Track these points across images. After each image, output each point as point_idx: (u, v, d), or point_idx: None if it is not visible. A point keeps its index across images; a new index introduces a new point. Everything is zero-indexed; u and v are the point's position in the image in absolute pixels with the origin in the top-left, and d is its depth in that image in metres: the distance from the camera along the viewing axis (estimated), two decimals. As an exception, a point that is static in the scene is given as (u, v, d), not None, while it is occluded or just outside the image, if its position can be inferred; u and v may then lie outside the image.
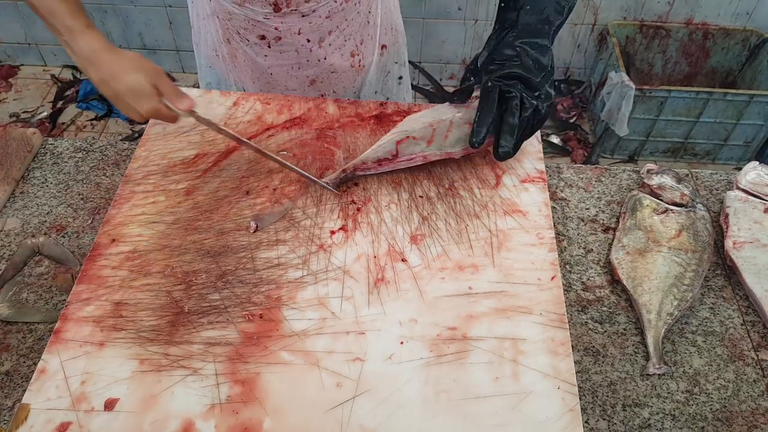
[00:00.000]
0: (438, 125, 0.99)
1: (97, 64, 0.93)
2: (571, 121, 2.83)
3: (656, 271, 0.91)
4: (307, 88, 1.21)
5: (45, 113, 2.81)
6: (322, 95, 1.22)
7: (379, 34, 1.22)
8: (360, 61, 1.21)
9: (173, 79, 2.98)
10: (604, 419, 0.80)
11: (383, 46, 1.25)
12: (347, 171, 0.99)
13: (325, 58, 1.16)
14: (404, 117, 1.10)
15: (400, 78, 1.35)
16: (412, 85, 1.48)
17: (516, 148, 0.90)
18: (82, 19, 0.94)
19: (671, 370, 0.85)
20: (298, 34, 1.12)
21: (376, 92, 1.30)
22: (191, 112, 0.96)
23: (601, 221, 1.03)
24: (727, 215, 1.00)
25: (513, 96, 0.89)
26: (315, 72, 1.18)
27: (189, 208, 0.96)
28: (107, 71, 0.92)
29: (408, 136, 0.99)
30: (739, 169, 1.06)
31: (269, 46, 1.14)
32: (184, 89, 1.14)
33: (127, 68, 0.92)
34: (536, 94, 0.91)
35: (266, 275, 0.88)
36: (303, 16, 1.09)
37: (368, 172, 1.00)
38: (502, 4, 0.96)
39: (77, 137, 2.70)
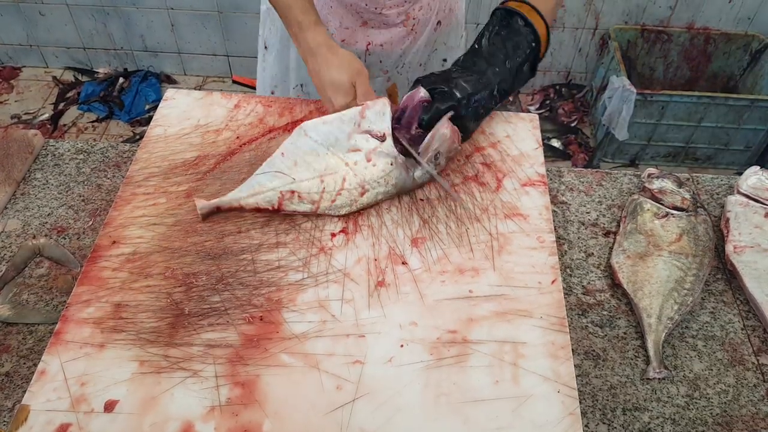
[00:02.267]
0: (327, 182, 0.93)
1: (315, 56, 1.02)
2: (572, 125, 2.83)
3: (657, 275, 0.91)
4: (358, 29, 1.23)
5: (46, 115, 2.81)
6: (369, 44, 1.24)
7: (437, 10, 1.26)
8: (414, 26, 1.24)
9: (174, 82, 2.99)
10: (604, 423, 0.80)
11: (438, 22, 1.28)
12: (220, 209, 0.94)
13: (381, 11, 1.19)
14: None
15: (444, 60, 1.37)
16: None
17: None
18: (311, 16, 1.03)
19: (671, 375, 0.85)
20: None
21: (420, 64, 1.32)
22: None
23: (602, 225, 1.03)
24: (727, 220, 1.00)
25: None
26: (368, 15, 1.21)
27: (190, 210, 0.96)
28: (321, 63, 1.01)
29: (294, 191, 0.93)
30: (740, 173, 1.06)
31: None
32: (185, 91, 1.14)
33: (336, 64, 1.00)
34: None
35: (267, 277, 0.88)
36: None
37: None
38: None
39: (78, 139, 2.70)
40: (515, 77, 0.98)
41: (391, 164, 0.94)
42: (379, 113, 0.95)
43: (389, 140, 0.94)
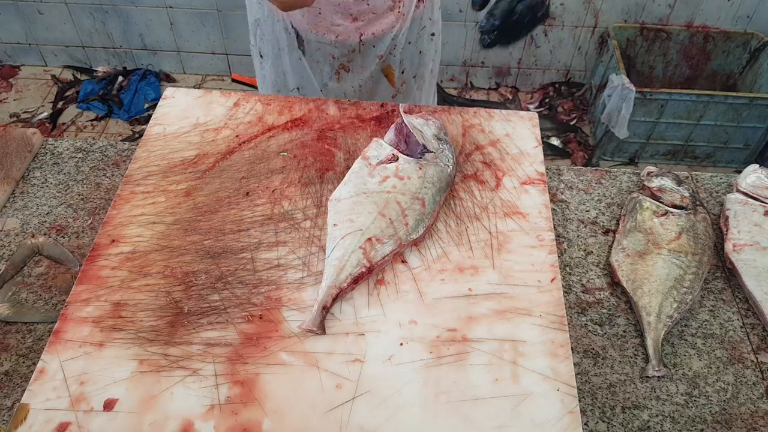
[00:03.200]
0: (389, 213, 0.91)
1: None
2: (572, 123, 2.83)
3: (656, 273, 0.91)
4: (349, 25, 1.24)
5: (45, 113, 2.81)
6: (362, 34, 1.25)
7: None
8: (400, 9, 1.25)
9: (173, 80, 2.98)
10: (603, 421, 0.80)
11: (420, 0, 1.29)
12: (327, 308, 0.83)
13: (368, 2, 1.20)
14: (405, 118, 1.10)
15: (432, 34, 1.39)
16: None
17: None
18: None
19: (671, 373, 0.85)
20: None
21: (410, 42, 1.34)
22: None
23: (601, 223, 1.03)
24: (727, 218, 1.00)
25: None
26: (358, 11, 1.22)
27: (189, 208, 0.96)
28: None
29: (370, 239, 0.88)
30: (739, 171, 1.07)
31: None
32: (184, 89, 1.14)
33: None
34: None
35: (266, 276, 0.88)
36: None
37: (347, 294, 0.87)
38: None
39: (77, 138, 2.70)
40: None
41: (420, 168, 0.96)
42: (376, 146, 1.00)
43: (401, 156, 0.98)
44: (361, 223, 0.89)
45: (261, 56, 1.38)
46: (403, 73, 1.36)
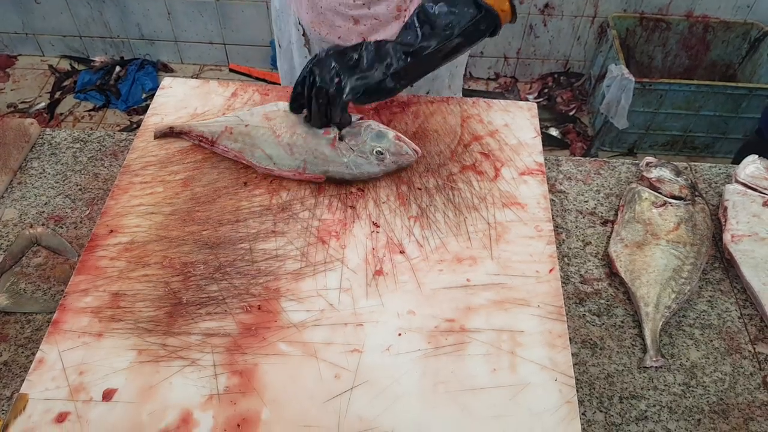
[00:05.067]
0: (274, 125, 1.00)
1: None
2: (571, 113, 2.82)
3: (654, 264, 0.91)
4: (351, 26, 1.22)
5: (43, 104, 2.80)
6: (364, 38, 1.22)
7: None
8: (405, 19, 1.22)
9: (171, 70, 2.97)
10: (601, 411, 0.81)
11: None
12: (174, 129, 1.04)
13: (369, 7, 1.18)
14: (403, 108, 1.10)
15: None
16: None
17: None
18: None
19: (668, 363, 0.85)
20: None
21: None
22: None
23: (600, 214, 1.03)
24: (725, 208, 1.00)
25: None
26: (359, 14, 1.20)
27: (187, 199, 0.96)
28: None
29: (232, 130, 1.00)
30: (738, 162, 1.06)
31: None
32: (181, 79, 1.14)
33: None
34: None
35: (264, 267, 0.88)
36: None
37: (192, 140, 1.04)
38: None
39: (75, 128, 2.69)
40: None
41: (330, 135, 0.98)
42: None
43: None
44: (245, 118, 1.02)
45: (279, 46, 1.38)
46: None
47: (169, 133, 1.04)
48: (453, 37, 0.91)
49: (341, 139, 0.98)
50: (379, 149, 0.97)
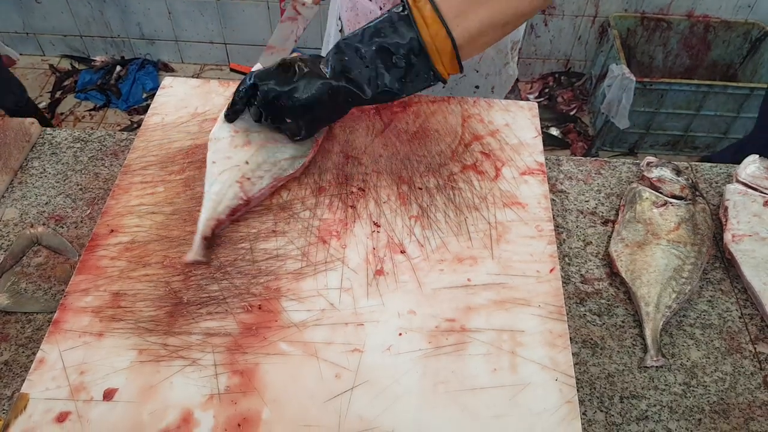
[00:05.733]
0: (265, 149, 0.94)
1: None
2: (571, 113, 2.82)
3: (655, 263, 0.91)
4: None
5: (43, 103, 2.80)
6: None
7: None
8: None
9: (172, 70, 2.97)
10: (601, 411, 0.81)
11: None
12: (207, 238, 0.88)
13: None
14: (403, 108, 1.10)
15: None
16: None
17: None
18: None
19: (669, 363, 0.85)
20: None
21: None
22: None
23: (601, 214, 1.03)
24: (726, 208, 1.00)
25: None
26: (385, 2, 1.17)
27: (188, 199, 0.96)
28: None
29: (247, 172, 0.92)
30: (739, 162, 1.06)
31: None
32: (182, 79, 1.14)
33: None
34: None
35: (265, 266, 0.88)
36: None
37: (224, 227, 0.91)
38: None
39: (76, 128, 2.69)
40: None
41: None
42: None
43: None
44: (239, 159, 0.93)
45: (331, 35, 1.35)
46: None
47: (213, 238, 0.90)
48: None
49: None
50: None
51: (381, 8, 1.16)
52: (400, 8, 0.85)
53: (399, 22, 0.84)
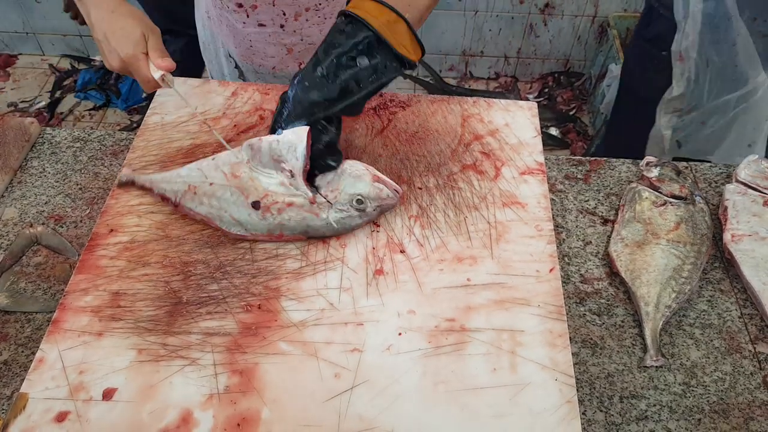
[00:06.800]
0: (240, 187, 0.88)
1: (101, 5, 0.94)
2: (571, 113, 2.82)
3: (654, 263, 0.91)
4: (285, 57, 1.20)
5: (43, 103, 2.80)
6: (300, 64, 1.21)
7: None
8: None
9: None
10: (601, 411, 0.81)
11: None
12: (135, 183, 0.95)
13: (302, 31, 1.16)
14: (404, 108, 1.10)
15: None
16: (411, 76, 1.48)
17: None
18: None
19: (668, 363, 0.85)
20: (273, 5, 1.11)
21: None
22: (164, 77, 0.92)
23: (600, 213, 1.03)
24: (725, 208, 1.00)
25: None
26: (292, 41, 1.18)
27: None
28: (108, 11, 0.93)
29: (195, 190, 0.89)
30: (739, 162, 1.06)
31: (247, 15, 1.14)
32: (182, 78, 1.14)
33: (127, 13, 0.93)
34: None
35: (265, 266, 0.88)
36: None
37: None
38: None
39: (75, 127, 2.69)
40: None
41: (300, 204, 0.87)
42: (291, 146, 0.85)
43: (299, 178, 0.86)
44: (214, 179, 0.89)
45: (212, 77, 1.32)
46: None
47: (132, 184, 0.96)
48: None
49: (316, 189, 0.88)
50: (359, 197, 0.87)
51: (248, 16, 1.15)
52: (341, 17, 0.85)
53: (347, 27, 0.84)
